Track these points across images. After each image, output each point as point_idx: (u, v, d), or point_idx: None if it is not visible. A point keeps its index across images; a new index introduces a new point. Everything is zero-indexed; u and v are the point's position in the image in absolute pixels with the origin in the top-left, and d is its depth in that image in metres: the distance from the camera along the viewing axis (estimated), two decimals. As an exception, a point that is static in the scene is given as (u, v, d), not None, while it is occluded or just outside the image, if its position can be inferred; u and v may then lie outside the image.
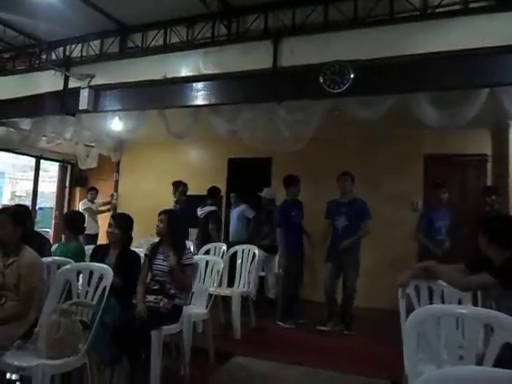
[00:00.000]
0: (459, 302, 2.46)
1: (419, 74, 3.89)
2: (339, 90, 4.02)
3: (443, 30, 3.75)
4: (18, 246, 2.72)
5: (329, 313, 4.84)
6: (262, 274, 6.08)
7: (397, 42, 3.88)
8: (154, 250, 3.33)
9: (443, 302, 2.48)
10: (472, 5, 3.74)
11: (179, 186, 6.33)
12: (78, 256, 3.44)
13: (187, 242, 4.53)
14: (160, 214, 3.40)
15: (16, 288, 2.60)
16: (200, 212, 6.16)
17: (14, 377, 2.49)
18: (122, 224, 3.42)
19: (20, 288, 2.59)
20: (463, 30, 3.69)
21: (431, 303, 2.43)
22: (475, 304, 2.53)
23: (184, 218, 4.50)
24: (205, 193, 7.43)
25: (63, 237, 3.74)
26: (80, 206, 7.53)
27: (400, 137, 6.02)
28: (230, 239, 6.22)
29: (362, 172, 5.78)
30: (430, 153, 6.17)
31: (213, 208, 6.09)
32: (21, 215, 2.86)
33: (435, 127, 4.12)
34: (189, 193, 7.64)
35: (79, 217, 4.14)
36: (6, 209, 2.89)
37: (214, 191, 6.32)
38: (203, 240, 5.67)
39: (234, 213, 6.42)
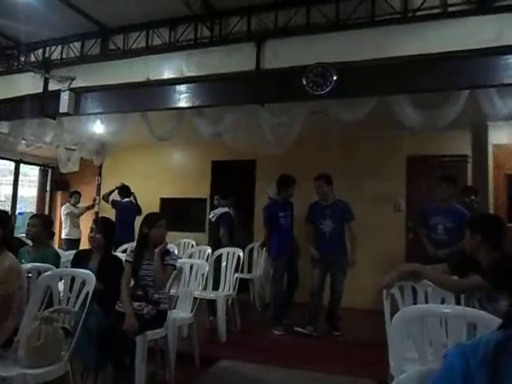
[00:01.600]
0: (442, 302, 2.49)
1: (400, 76, 3.94)
2: (322, 92, 4.04)
3: (423, 32, 3.81)
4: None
5: (310, 317, 4.73)
6: (248, 276, 6.08)
7: (378, 44, 3.92)
8: (137, 256, 3.26)
9: (427, 302, 2.51)
10: (451, 8, 3.80)
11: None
12: (57, 262, 3.38)
13: (171, 245, 4.51)
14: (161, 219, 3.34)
15: None
16: (211, 215, 5.86)
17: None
18: (105, 229, 3.36)
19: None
20: (443, 32, 3.75)
21: (415, 303, 2.45)
22: (458, 304, 2.56)
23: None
24: (188, 196, 7.43)
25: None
26: (62, 210, 7.40)
27: (383, 138, 6.08)
28: None
29: (346, 173, 5.84)
30: (412, 154, 6.25)
31: (224, 210, 5.71)
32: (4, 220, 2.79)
33: (416, 129, 4.17)
34: (172, 196, 7.62)
35: (50, 220, 4.07)
36: None
37: (225, 192, 6.05)
38: (215, 246, 5.32)
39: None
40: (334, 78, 3.99)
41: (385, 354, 2.41)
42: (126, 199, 6.63)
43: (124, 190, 6.68)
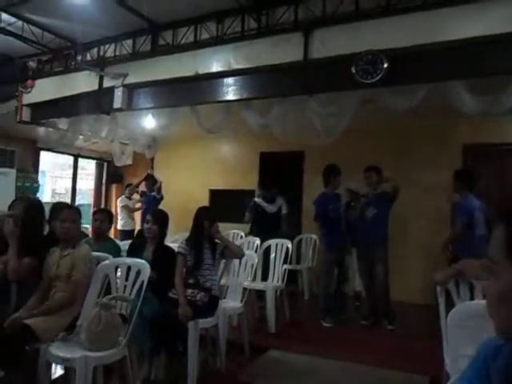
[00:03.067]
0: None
1: (456, 61, 3.74)
2: (372, 81, 3.92)
3: (480, 13, 3.57)
4: (76, 241, 2.91)
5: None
6: (297, 267, 6.08)
7: (431, 28, 3.73)
8: (187, 247, 3.37)
9: (484, 298, 2.39)
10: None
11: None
12: (118, 254, 3.55)
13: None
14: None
15: (67, 279, 2.74)
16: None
17: (59, 367, 2.59)
18: (160, 220, 3.52)
19: (71, 279, 2.73)
20: (503, 12, 3.50)
21: (472, 299, 2.34)
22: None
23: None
24: (237, 187, 7.50)
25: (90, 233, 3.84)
26: (118, 202, 7.70)
27: (436, 126, 5.83)
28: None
29: (397, 164, 5.66)
30: (468, 142, 5.95)
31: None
32: (80, 211, 3.08)
33: (474, 115, 3.96)
34: (221, 188, 7.73)
35: (112, 214, 4.26)
36: (65, 204, 3.11)
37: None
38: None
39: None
40: (385, 65, 3.85)
41: (437, 349, 2.35)
42: (152, 193, 6.86)
43: (150, 181, 6.91)
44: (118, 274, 2.98)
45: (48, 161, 9.53)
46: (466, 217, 4.21)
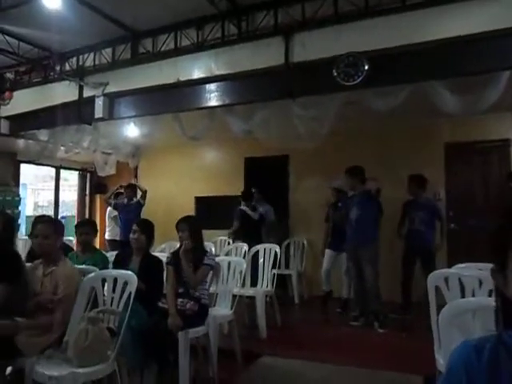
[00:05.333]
0: (490, 295, 2.38)
1: (436, 61, 3.80)
2: (354, 83, 3.95)
3: (458, 13, 3.64)
4: (57, 256, 2.78)
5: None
6: (286, 272, 6.06)
7: (410, 29, 3.78)
8: (175, 258, 3.33)
9: (473, 295, 2.41)
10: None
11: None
12: (106, 265, 3.49)
13: (207, 243, 4.56)
14: (179, 223, 3.38)
15: (52, 296, 2.64)
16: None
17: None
18: (146, 230, 3.45)
19: (58, 297, 2.63)
20: (478, 12, 3.57)
21: (463, 297, 2.36)
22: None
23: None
24: (223, 194, 7.47)
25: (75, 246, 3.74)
26: (107, 213, 7.51)
27: (419, 126, 5.89)
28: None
29: (382, 164, 5.69)
30: (451, 141, 6.03)
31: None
32: (61, 225, 2.91)
33: (455, 114, 4.02)
34: (206, 194, 7.69)
35: (96, 224, 4.18)
36: (44, 218, 2.94)
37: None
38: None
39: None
40: (366, 67, 3.89)
41: (428, 347, 2.35)
42: (132, 202, 6.60)
43: (132, 190, 6.70)
44: (105, 286, 2.91)
45: (29, 173, 9.36)
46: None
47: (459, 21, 3.60)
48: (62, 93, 5.53)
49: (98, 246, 7.07)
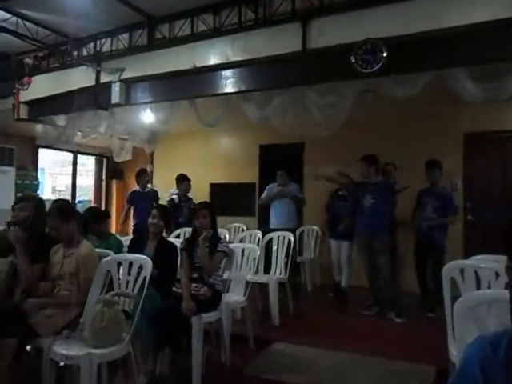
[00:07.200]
0: (506, 287, 2.34)
1: (457, 48, 3.69)
2: (372, 70, 3.87)
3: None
4: (76, 239, 2.86)
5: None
6: (299, 259, 6.07)
7: (431, 15, 3.67)
8: (190, 244, 3.35)
9: (489, 288, 2.38)
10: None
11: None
12: (120, 249, 3.55)
13: (222, 230, 4.59)
14: (201, 210, 3.39)
15: (71, 278, 2.73)
16: None
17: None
18: (165, 216, 3.50)
19: (79, 277, 2.72)
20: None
21: (478, 288, 2.33)
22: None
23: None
24: (237, 181, 7.48)
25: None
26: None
27: (438, 115, 5.79)
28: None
29: (399, 153, 5.61)
30: (470, 130, 5.91)
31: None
32: (68, 211, 2.95)
33: (476, 102, 3.92)
34: (222, 181, 7.71)
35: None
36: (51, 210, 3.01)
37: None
38: None
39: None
40: (384, 54, 3.80)
41: (441, 338, 2.34)
42: (146, 189, 6.42)
43: (144, 177, 6.44)
44: (121, 270, 2.96)
45: (47, 158, 9.50)
46: None
47: (480, 6, 3.48)
48: (79, 78, 5.56)
49: (114, 230, 7.20)
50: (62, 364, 2.51)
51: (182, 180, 6.12)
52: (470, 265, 2.51)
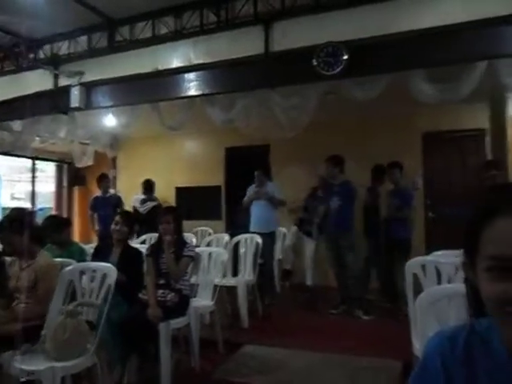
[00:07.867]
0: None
1: (414, 51, 3.82)
2: (333, 72, 3.94)
3: (437, 3, 3.68)
4: (32, 250, 2.75)
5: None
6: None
7: (390, 19, 3.80)
8: (155, 250, 3.32)
9: (449, 282, 2.46)
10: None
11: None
12: (83, 257, 3.45)
13: (188, 234, 4.54)
14: (165, 215, 3.35)
15: (30, 291, 2.61)
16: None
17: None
18: (129, 222, 3.43)
19: (37, 290, 2.62)
20: (458, 2, 3.61)
21: (439, 283, 2.41)
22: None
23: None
24: (203, 184, 7.43)
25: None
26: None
27: (397, 116, 5.96)
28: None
29: (361, 153, 5.74)
30: (428, 130, 6.12)
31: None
32: (19, 222, 2.81)
33: (432, 103, 4.06)
34: (187, 185, 7.64)
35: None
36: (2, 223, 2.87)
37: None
38: None
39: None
40: (345, 56, 3.88)
41: (408, 333, 2.40)
42: (107, 194, 6.45)
43: (105, 182, 6.54)
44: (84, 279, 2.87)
45: (4, 164, 9.11)
46: None
47: (434, 11, 3.63)
48: (36, 82, 5.36)
49: (77, 238, 6.99)
50: (22, 379, 2.40)
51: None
52: (430, 261, 2.59)
